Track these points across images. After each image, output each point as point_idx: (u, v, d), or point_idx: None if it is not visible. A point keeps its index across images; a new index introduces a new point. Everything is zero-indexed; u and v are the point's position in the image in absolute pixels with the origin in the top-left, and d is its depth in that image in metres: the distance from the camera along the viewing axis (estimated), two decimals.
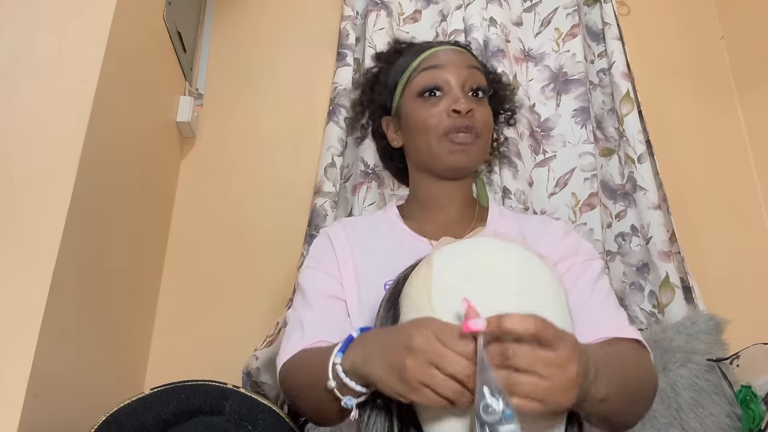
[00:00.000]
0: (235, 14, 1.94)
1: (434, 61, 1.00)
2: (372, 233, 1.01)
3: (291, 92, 1.84)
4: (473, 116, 0.95)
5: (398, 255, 0.88)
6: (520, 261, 0.71)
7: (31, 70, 1.15)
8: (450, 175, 1.00)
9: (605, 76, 1.74)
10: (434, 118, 0.96)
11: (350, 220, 1.10)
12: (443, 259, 0.72)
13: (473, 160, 0.97)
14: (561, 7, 1.85)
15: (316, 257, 0.98)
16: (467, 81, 0.98)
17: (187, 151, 1.79)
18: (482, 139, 0.97)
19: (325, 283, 0.93)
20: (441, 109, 0.96)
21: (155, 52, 1.55)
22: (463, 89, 0.98)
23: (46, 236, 1.03)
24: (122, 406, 1.06)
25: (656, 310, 1.49)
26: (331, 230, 1.02)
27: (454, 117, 0.95)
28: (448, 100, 0.97)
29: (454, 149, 0.95)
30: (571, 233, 1.00)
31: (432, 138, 0.96)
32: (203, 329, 1.57)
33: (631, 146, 1.60)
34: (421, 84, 0.99)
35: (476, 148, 0.96)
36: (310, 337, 0.86)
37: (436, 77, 0.98)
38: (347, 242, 0.98)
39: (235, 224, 1.70)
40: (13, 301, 0.99)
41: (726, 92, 1.96)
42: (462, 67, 0.99)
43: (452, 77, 0.98)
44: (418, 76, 1.00)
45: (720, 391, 1.32)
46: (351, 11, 1.80)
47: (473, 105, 0.96)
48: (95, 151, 1.15)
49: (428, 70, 0.99)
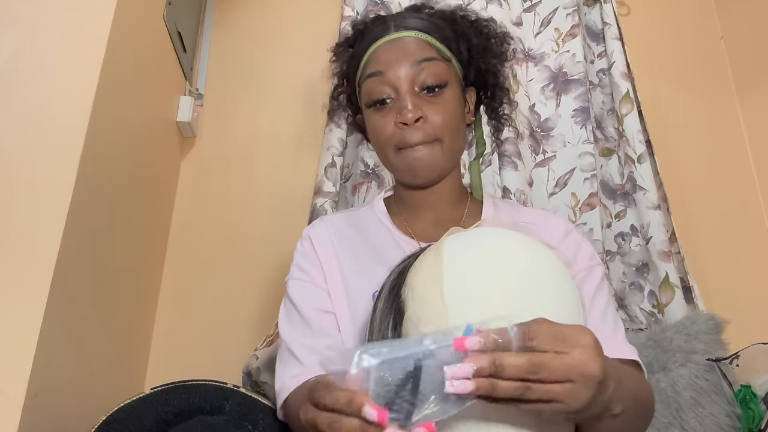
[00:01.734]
0: (235, 14, 1.94)
1: (376, 66, 0.90)
2: (357, 233, 0.94)
3: (291, 92, 1.84)
4: (426, 123, 0.87)
5: (386, 259, 0.83)
6: (531, 254, 0.68)
7: (31, 70, 1.15)
8: (420, 187, 0.93)
9: (605, 76, 1.74)
10: (386, 130, 0.88)
11: (332, 218, 1.00)
12: (453, 250, 0.67)
13: (439, 168, 0.90)
14: (561, 7, 1.85)
15: (303, 268, 0.92)
16: (416, 80, 0.88)
17: (187, 151, 1.79)
18: (444, 142, 0.88)
19: (315, 296, 0.89)
20: (390, 120, 0.88)
21: (155, 52, 1.55)
22: (411, 91, 0.88)
23: (46, 236, 1.03)
24: (122, 406, 1.06)
25: (656, 309, 1.49)
26: (312, 231, 0.95)
27: (403, 128, 0.87)
28: (396, 107, 0.88)
29: (411, 164, 0.88)
30: (572, 233, 0.95)
31: (388, 152, 0.90)
32: (203, 329, 1.57)
33: (630, 146, 1.60)
34: (368, 94, 0.91)
35: (437, 155, 0.88)
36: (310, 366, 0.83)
37: (379, 87, 0.89)
38: (331, 245, 0.92)
39: (235, 224, 1.70)
40: (13, 301, 0.98)
41: (726, 92, 1.96)
42: (409, 65, 0.88)
43: (398, 80, 0.88)
44: (365, 83, 0.91)
45: (720, 390, 1.31)
46: (351, 11, 1.80)
47: (424, 109, 0.87)
48: (95, 151, 1.15)
49: (371, 78, 0.90)
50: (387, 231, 0.94)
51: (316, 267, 0.91)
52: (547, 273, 0.67)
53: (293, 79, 1.86)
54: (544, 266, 0.68)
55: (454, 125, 0.90)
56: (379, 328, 0.70)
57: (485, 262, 0.66)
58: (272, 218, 1.70)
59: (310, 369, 0.82)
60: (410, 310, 0.66)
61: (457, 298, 0.64)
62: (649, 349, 1.36)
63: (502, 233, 0.71)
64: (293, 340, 0.87)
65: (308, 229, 0.97)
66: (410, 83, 0.88)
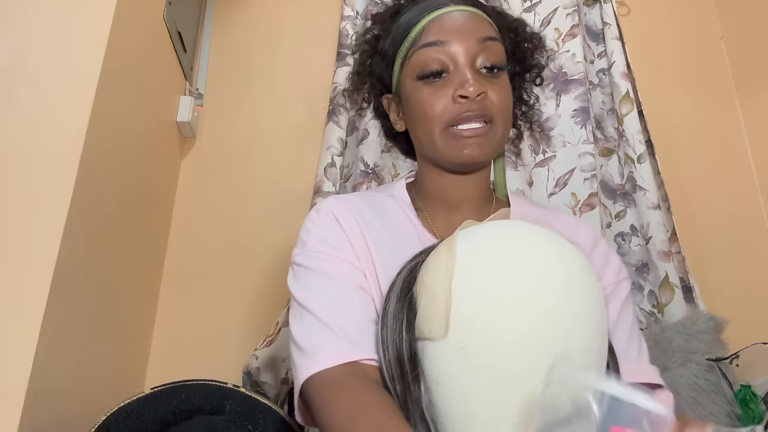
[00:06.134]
0: (235, 14, 1.94)
1: (437, 35, 0.82)
2: (379, 220, 0.85)
3: (291, 92, 1.84)
4: (485, 99, 0.80)
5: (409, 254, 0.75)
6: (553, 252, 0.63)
7: (31, 71, 1.15)
8: (460, 170, 0.86)
9: (605, 76, 1.74)
10: (437, 105, 0.80)
11: (349, 197, 0.89)
12: (467, 245, 0.63)
13: (487, 152, 0.82)
14: (561, 7, 1.85)
15: (327, 241, 0.80)
16: (478, 56, 0.82)
17: (187, 151, 1.79)
18: (497, 126, 0.81)
19: (350, 271, 0.77)
20: (445, 94, 0.81)
21: (155, 52, 1.55)
22: (472, 67, 0.81)
23: (46, 236, 1.03)
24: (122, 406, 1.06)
25: (656, 309, 1.49)
26: (333, 208, 0.84)
27: (462, 103, 0.79)
28: (455, 81, 0.81)
29: (462, 143, 0.80)
30: (600, 243, 0.88)
31: (435, 129, 0.81)
32: (203, 329, 1.57)
33: (630, 146, 1.60)
34: (421, 65, 0.82)
35: (490, 137, 0.81)
36: (357, 346, 0.70)
37: (438, 57, 0.81)
38: (356, 225, 0.82)
39: (235, 224, 1.70)
40: (13, 301, 0.98)
41: (726, 92, 1.96)
42: (473, 40, 0.82)
43: (459, 54, 0.81)
44: (418, 53, 0.83)
45: (720, 390, 1.32)
46: (351, 11, 1.80)
47: (486, 86, 0.80)
48: (95, 151, 1.15)
49: (429, 47, 0.82)
50: (412, 226, 0.86)
51: (343, 243, 0.80)
52: (571, 276, 0.62)
53: (293, 79, 1.86)
54: (567, 268, 0.63)
55: (507, 111, 0.84)
56: (392, 328, 0.66)
57: (501, 259, 0.62)
58: (272, 218, 1.70)
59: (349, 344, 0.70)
60: (422, 308, 0.63)
61: (471, 297, 0.61)
62: (649, 349, 1.36)
63: (519, 226, 0.66)
64: (323, 305, 0.73)
65: (325, 204, 0.86)
66: (472, 58, 0.81)
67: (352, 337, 0.71)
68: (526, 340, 0.59)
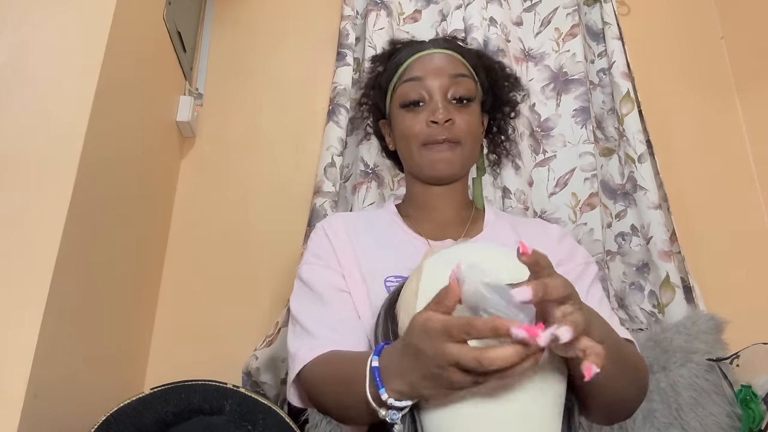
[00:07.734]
0: (235, 14, 1.94)
1: (416, 72, 1.01)
2: (370, 230, 1.02)
3: (291, 92, 1.84)
4: (453, 126, 0.97)
5: (398, 251, 0.95)
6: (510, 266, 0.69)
7: (31, 70, 1.15)
8: (436, 182, 1.03)
9: (605, 76, 1.74)
10: (415, 128, 0.99)
11: (347, 215, 1.12)
12: (432, 266, 0.75)
13: (455, 168, 0.99)
14: (561, 6, 1.85)
15: (317, 254, 0.98)
16: (449, 89, 0.99)
17: (187, 151, 1.79)
18: (464, 147, 0.99)
19: (328, 276, 0.94)
20: (421, 119, 0.98)
21: (155, 52, 1.55)
22: (444, 98, 0.99)
23: (46, 236, 1.03)
24: (122, 406, 1.06)
25: (656, 309, 1.49)
26: (327, 224, 1.02)
27: (433, 126, 0.97)
28: (428, 110, 0.98)
29: (433, 159, 0.98)
30: (567, 237, 1.03)
31: (413, 148, 0.99)
32: (203, 329, 1.57)
33: (631, 146, 1.60)
34: (404, 96, 1.01)
35: (456, 156, 0.98)
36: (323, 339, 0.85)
37: (416, 90, 1.00)
38: (346, 237, 0.98)
39: (235, 224, 1.70)
40: (13, 301, 0.99)
41: (726, 92, 1.95)
42: (446, 76, 1.00)
43: (434, 87, 0.99)
44: (401, 87, 1.02)
45: (720, 390, 1.32)
46: (351, 11, 1.80)
47: (454, 114, 0.98)
48: (95, 151, 1.15)
49: (411, 81, 1.01)
50: (399, 228, 1.03)
51: (329, 253, 0.96)
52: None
53: (293, 79, 1.86)
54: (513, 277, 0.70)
55: (474, 135, 1.01)
56: (382, 333, 0.78)
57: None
58: (272, 218, 1.70)
59: (324, 342, 0.84)
60: (401, 322, 0.74)
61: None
62: (650, 349, 1.36)
63: (482, 247, 0.78)
64: (307, 317, 0.90)
65: (322, 222, 1.04)
66: (444, 91, 0.99)
67: (331, 338, 0.85)
68: None
